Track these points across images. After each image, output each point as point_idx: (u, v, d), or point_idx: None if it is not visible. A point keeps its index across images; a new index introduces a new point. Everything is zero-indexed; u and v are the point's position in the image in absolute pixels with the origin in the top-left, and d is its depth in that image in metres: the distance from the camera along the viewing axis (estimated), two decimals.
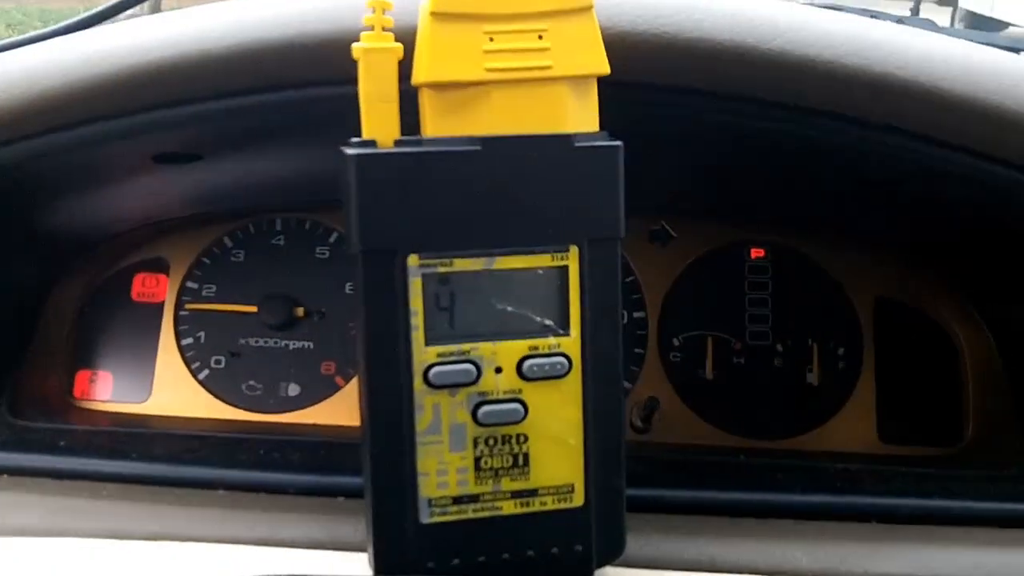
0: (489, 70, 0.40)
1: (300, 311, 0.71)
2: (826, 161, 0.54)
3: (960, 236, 0.64)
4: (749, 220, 0.71)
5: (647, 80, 0.46)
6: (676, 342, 0.70)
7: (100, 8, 0.57)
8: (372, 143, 0.40)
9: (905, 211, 0.64)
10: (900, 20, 1.06)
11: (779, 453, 0.67)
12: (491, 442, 0.42)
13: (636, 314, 0.70)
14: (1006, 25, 7.52)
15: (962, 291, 0.70)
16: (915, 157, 0.48)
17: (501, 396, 0.41)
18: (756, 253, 0.71)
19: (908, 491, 0.52)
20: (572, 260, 0.41)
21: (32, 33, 0.56)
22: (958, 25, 8.10)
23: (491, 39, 0.40)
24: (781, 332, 0.70)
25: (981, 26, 7.65)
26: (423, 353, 0.40)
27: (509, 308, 0.41)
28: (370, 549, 0.42)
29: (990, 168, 0.48)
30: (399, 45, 0.40)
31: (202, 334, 0.71)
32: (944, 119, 0.46)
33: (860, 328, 0.70)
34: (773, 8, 0.47)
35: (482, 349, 0.41)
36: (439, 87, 0.40)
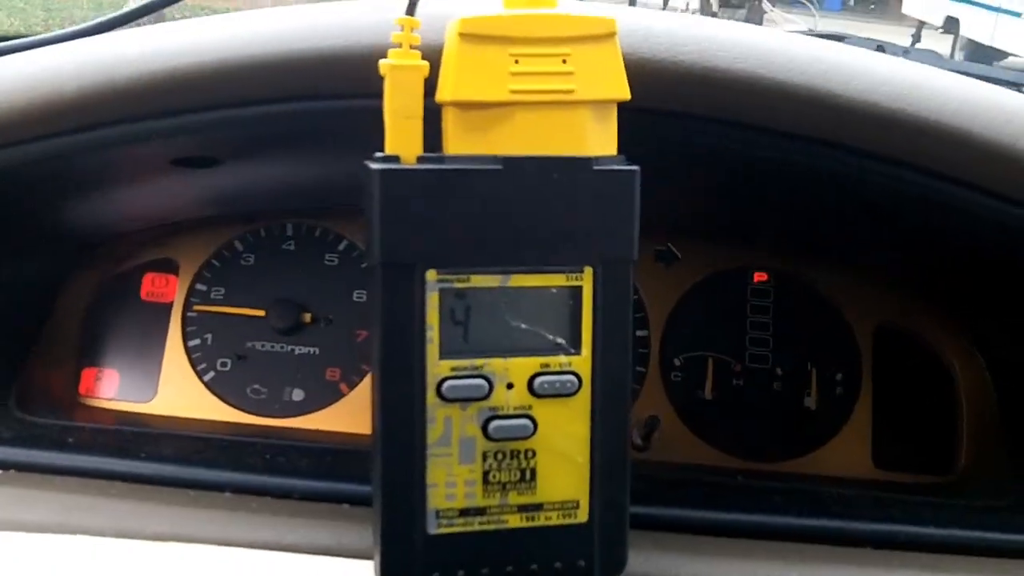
0: (513, 92, 0.40)
1: (307, 317, 0.71)
2: (832, 191, 0.55)
3: (960, 269, 0.66)
4: (753, 245, 0.72)
5: (664, 107, 0.47)
6: (677, 362, 0.71)
7: (126, 10, 0.58)
8: (395, 159, 0.40)
9: (908, 243, 0.65)
10: (906, 52, 1.08)
11: (775, 475, 0.68)
12: (500, 456, 0.42)
13: (639, 333, 0.71)
14: (1006, 55, 7.60)
15: (960, 323, 0.71)
16: (922, 192, 0.49)
17: (511, 412, 0.42)
18: (759, 277, 0.72)
19: (904, 518, 0.53)
20: (586, 281, 0.42)
21: (58, 32, 0.56)
22: (959, 54, 8.18)
23: (516, 61, 0.40)
24: (781, 356, 0.71)
25: (981, 54, 7.73)
26: (437, 366, 0.41)
27: (523, 325, 0.42)
28: (377, 557, 0.42)
29: (997, 205, 0.49)
30: (426, 63, 0.41)
31: (209, 336, 0.71)
32: (953, 156, 0.47)
33: (859, 355, 0.71)
34: (788, 41, 0.49)
35: (494, 365, 0.42)
36: (463, 106, 0.41)
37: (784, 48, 0.48)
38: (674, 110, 0.47)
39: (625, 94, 0.42)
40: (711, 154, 0.52)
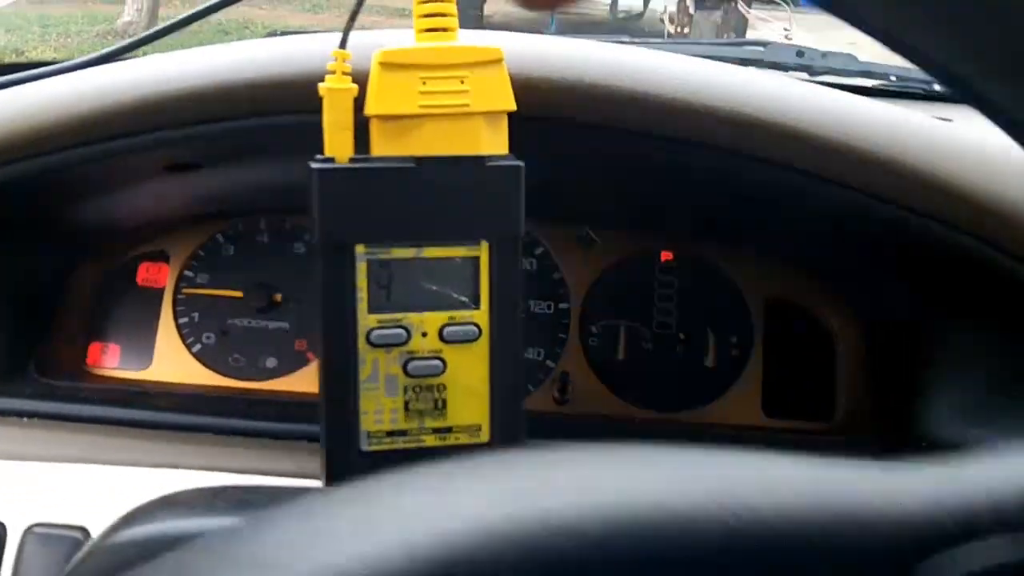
0: (422, 106, 0.50)
1: (279, 297, 0.81)
2: (709, 186, 0.65)
3: (840, 249, 0.75)
4: (661, 229, 0.82)
5: (545, 114, 0.57)
6: (595, 329, 0.81)
7: (135, 38, 0.68)
8: (331, 160, 0.51)
9: (793, 228, 0.74)
10: (824, 55, 1.16)
11: (678, 423, 0.78)
12: (417, 390, 0.53)
13: (561, 305, 0.81)
14: None
15: (840, 294, 0.80)
16: (800, 192, 0.59)
17: (426, 354, 0.53)
18: (666, 256, 0.82)
19: (782, 449, 0.62)
20: (483, 252, 0.52)
21: (70, 62, 0.66)
22: None
23: (424, 83, 0.51)
24: (684, 323, 0.81)
25: None
26: (366, 319, 0.52)
27: (434, 287, 0.53)
28: (322, 471, 0.53)
29: (865, 201, 0.57)
30: (355, 86, 0.51)
31: (196, 315, 0.81)
32: (829, 165, 0.57)
33: (752, 321, 0.81)
34: (644, 57, 0.59)
35: (412, 318, 0.52)
36: (384, 118, 0.51)
37: (643, 63, 0.58)
38: (554, 116, 0.57)
39: (511, 106, 0.52)
40: (598, 154, 0.62)
